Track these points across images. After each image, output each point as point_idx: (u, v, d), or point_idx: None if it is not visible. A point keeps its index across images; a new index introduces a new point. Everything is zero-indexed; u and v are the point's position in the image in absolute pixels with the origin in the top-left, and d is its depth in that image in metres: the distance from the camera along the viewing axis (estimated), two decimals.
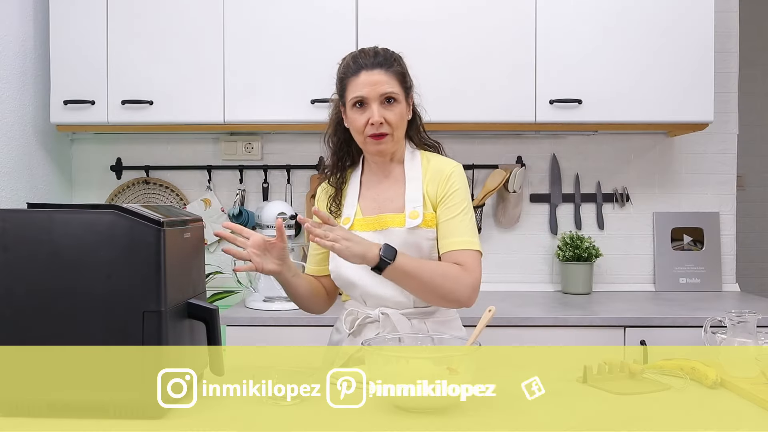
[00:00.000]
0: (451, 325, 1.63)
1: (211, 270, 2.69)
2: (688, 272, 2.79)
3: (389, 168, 1.63)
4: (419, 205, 1.57)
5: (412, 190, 1.58)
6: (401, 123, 1.57)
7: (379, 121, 1.52)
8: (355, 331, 1.58)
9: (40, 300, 1.14)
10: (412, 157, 1.63)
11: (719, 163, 2.84)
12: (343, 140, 1.64)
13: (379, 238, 1.53)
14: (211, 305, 1.29)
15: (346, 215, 1.60)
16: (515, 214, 2.80)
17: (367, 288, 1.56)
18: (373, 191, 1.62)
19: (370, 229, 1.57)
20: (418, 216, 1.55)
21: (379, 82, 1.53)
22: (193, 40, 2.48)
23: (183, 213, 1.36)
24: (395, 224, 1.56)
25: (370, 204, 1.61)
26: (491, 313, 1.33)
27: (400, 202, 1.59)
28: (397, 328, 1.53)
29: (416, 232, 1.54)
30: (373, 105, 1.52)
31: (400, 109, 1.56)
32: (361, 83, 1.53)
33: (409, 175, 1.60)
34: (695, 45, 2.46)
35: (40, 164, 2.62)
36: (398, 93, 1.55)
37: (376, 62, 1.55)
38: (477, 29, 2.47)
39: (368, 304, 1.59)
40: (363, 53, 1.58)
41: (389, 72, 1.55)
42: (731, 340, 1.41)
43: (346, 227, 1.56)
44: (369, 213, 1.60)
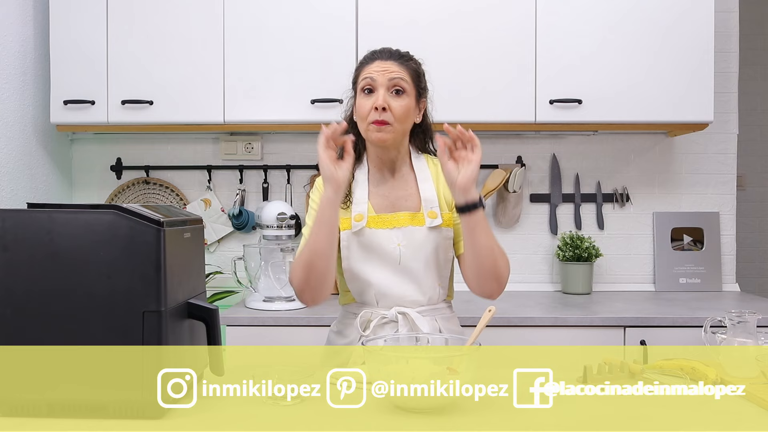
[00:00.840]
0: (454, 322, 1.65)
1: (211, 270, 2.69)
2: (688, 272, 2.79)
3: (395, 166, 1.62)
4: (435, 205, 1.58)
5: (425, 190, 1.59)
6: (405, 117, 1.55)
7: (383, 105, 1.51)
8: (371, 333, 1.54)
9: (40, 300, 1.14)
10: (418, 159, 1.64)
11: (719, 163, 2.84)
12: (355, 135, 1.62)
13: (399, 236, 1.55)
14: (211, 305, 1.29)
15: (357, 212, 1.57)
16: (515, 214, 2.80)
17: (384, 287, 1.55)
18: (382, 189, 1.61)
19: (387, 227, 1.56)
20: (437, 216, 1.57)
21: (390, 68, 1.54)
22: (193, 40, 2.48)
23: (183, 213, 1.36)
24: (415, 223, 1.56)
25: (382, 202, 1.60)
26: (491, 313, 1.34)
27: (415, 201, 1.59)
28: (418, 326, 1.53)
29: (437, 231, 1.56)
30: (380, 89, 1.53)
31: (407, 102, 1.55)
32: (372, 68, 1.55)
33: (420, 176, 1.61)
34: (695, 45, 2.46)
35: (40, 164, 2.62)
36: (408, 85, 1.55)
37: (393, 54, 1.58)
38: (477, 29, 2.47)
39: (380, 305, 1.57)
40: (382, 49, 1.60)
41: (403, 65, 1.56)
42: (731, 340, 1.41)
43: (360, 225, 1.55)
44: (383, 211, 1.59)
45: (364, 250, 1.56)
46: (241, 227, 2.74)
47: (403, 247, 1.55)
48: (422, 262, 1.55)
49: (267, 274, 2.37)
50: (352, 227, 1.56)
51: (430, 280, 1.57)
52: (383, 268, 1.54)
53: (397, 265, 1.55)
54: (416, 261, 1.55)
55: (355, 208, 1.58)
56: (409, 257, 1.55)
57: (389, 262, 1.55)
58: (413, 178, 1.62)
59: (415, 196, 1.60)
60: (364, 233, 1.56)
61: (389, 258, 1.55)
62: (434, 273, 1.58)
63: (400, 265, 1.55)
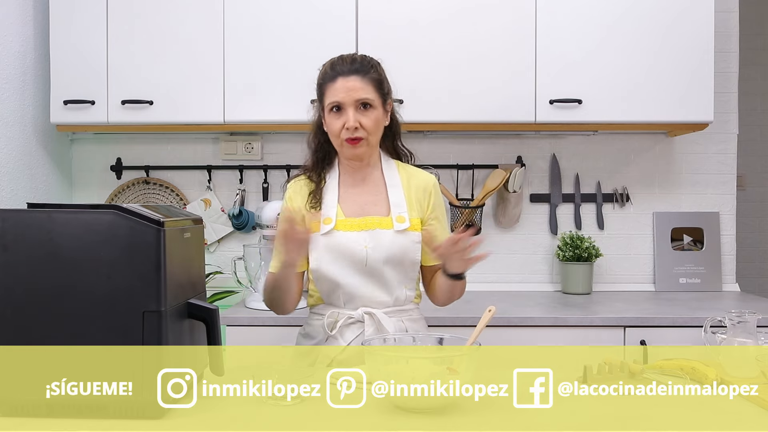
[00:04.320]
0: (421, 324, 1.70)
1: (211, 270, 2.69)
2: (688, 272, 2.79)
3: (365, 172, 1.68)
4: (404, 210, 1.64)
5: (394, 195, 1.65)
6: (376, 128, 1.62)
7: (354, 125, 1.57)
8: (337, 333, 1.59)
9: (40, 300, 1.14)
10: (388, 165, 1.70)
11: (719, 163, 2.84)
12: (323, 141, 1.69)
13: (366, 238, 1.59)
14: (211, 305, 1.29)
15: (327, 215, 1.62)
16: (515, 214, 2.80)
17: (352, 288, 1.60)
18: (352, 194, 1.66)
19: (355, 230, 1.61)
20: (405, 220, 1.62)
21: (355, 88, 1.58)
22: (193, 40, 2.48)
23: (183, 213, 1.36)
24: (382, 226, 1.61)
25: (351, 206, 1.64)
26: (491, 313, 1.34)
27: (384, 206, 1.64)
28: (384, 326, 1.57)
29: (404, 234, 1.61)
30: (349, 110, 1.57)
31: (376, 114, 1.60)
32: (337, 89, 1.58)
33: (390, 182, 1.67)
34: (695, 45, 2.46)
35: (40, 164, 2.62)
36: (374, 99, 1.60)
37: (353, 69, 1.60)
38: (477, 29, 2.46)
39: (347, 306, 1.62)
40: (341, 60, 1.64)
41: (365, 78, 1.60)
42: (731, 340, 1.41)
43: (328, 227, 1.60)
44: (351, 214, 1.63)
45: (332, 252, 1.60)
46: (241, 227, 2.74)
47: (370, 249, 1.59)
48: (389, 264, 1.60)
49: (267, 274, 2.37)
50: (320, 230, 1.60)
51: (396, 281, 1.62)
52: (351, 269, 1.59)
53: (363, 266, 1.59)
54: (382, 263, 1.60)
55: (324, 211, 1.63)
56: (375, 259, 1.59)
57: (356, 264, 1.59)
58: (383, 184, 1.67)
59: (384, 201, 1.65)
60: (333, 235, 1.60)
61: (356, 259, 1.59)
62: (401, 275, 1.63)
63: (367, 267, 1.59)
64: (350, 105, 1.57)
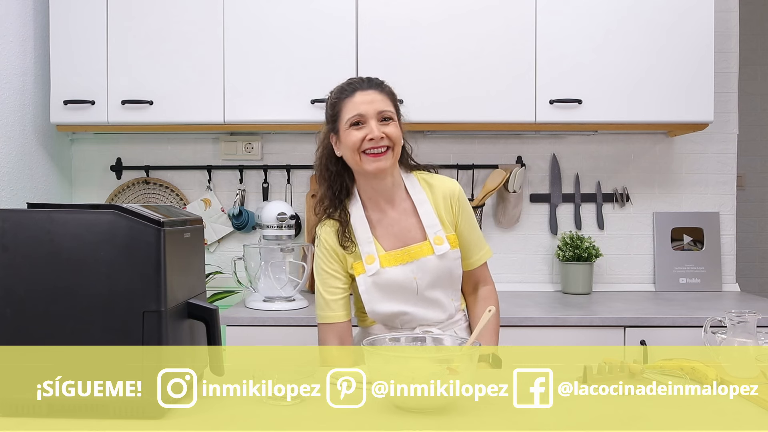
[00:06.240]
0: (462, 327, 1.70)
1: (211, 270, 2.69)
2: (688, 272, 2.79)
3: (390, 194, 1.62)
4: (439, 229, 1.61)
5: (425, 215, 1.61)
6: (399, 140, 1.59)
7: (380, 135, 1.53)
8: None
9: (40, 300, 1.14)
10: (410, 181, 1.65)
11: (719, 163, 2.84)
12: (336, 172, 1.62)
13: (413, 269, 1.59)
14: (211, 305, 1.29)
15: (367, 253, 1.59)
16: (515, 214, 2.80)
17: (408, 316, 1.61)
18: (384, 223, 1.62)
19: (400, 263, 1.59)
20: (443, 241, 1.60)
21: (375, 100, 1.55)
22: (193, 40, 2.48)
23: (183, 213, 1.36)
24: (424, 253, 1.60)
25: (388, 239, 1.62)
26: (491, 314, 1.34)
27: (419, 230, 1.62)
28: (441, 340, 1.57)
29: (446, 255, 1.60)
30: (371, 121, 1.54)
31: (396, 127, 1.58)
32: (357, 102, 1.55)
33: (417, 199, 1.62)
34: (695, 45, 2.46)
35: (40, 164, 2.62)
36: (393, 113, 1.58)
37: (370, 84, 1.59)
38: (477, 30, 2.47)
39: (404, 327, 1.62)
40: (353, 79, 1.62)
41: (383, 92, 1.58)
42: (731, 340, 1.41)
43: (374, 267, 1.58)
44: (392, 247, 1.61)
45: (383, 290, 1.59)
46: (241, 227, 2.74)
47: (419, 279, 1.59)
48: (438, 287, 1.61)
49: (267, 274, 2.37)
50: (366, 271, 1.58)
51: (446, 300, 1.64)
52: (405, 300, 1.60)
53: (416, 295, 1.60)
54: (433, 288, 1.61)
55: (363, 249, 1.59)
56: (426, 287, 1.60)
57: (408, 294, 1.60)
58: (411, 204, 1.63)
59: (418, 224, 1.62)
60: (380, 274, 1.59)
61: (408, 291, 1.60)
62: (448, 291, 1.64)
63: (419, 295, 1.60)
64: (372, 117, 1.54)
